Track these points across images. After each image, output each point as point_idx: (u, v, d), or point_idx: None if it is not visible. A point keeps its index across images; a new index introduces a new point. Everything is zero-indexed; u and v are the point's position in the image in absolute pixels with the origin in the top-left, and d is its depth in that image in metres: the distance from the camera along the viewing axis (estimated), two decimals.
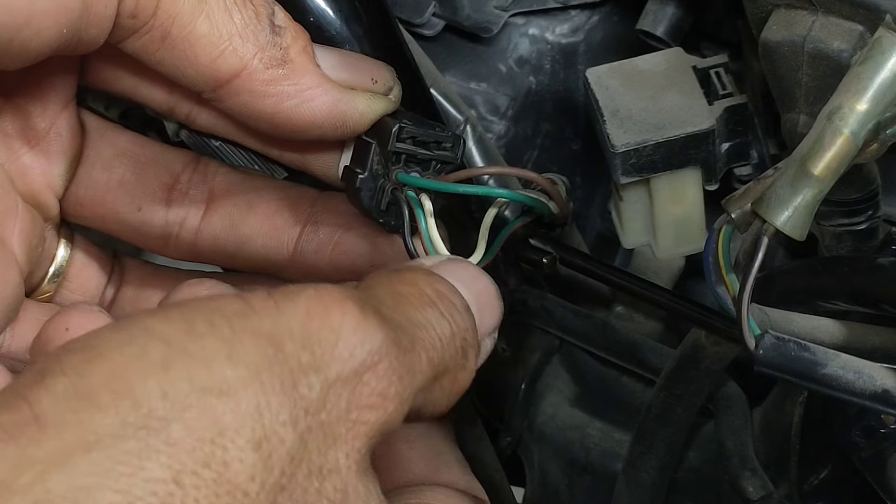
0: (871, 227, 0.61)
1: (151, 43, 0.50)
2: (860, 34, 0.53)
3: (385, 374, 0.40)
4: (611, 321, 0.79)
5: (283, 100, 0.52)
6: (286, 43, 0.52)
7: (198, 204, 0.59)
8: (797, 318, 0.55)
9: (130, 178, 0.58)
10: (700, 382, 0.68)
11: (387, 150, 0.54)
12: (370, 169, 0.54)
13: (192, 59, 0.51)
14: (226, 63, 0.51)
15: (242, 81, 0.51)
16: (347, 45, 0.63)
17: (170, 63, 0.51)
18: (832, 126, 0.46)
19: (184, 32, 0.50)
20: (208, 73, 0.51)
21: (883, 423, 0.61)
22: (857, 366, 0.50)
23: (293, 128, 0.53)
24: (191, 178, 0.59)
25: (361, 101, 0.54)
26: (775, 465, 0.70)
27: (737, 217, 0.48)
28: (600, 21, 0.86)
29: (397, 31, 0.69)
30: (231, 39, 0.51)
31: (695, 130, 0.69)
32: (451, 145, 0.56)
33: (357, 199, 0.55)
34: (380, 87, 0.55)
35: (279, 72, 0.52)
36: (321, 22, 0.63)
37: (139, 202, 0.58)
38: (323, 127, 0.53)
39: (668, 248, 0.74)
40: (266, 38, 0.51)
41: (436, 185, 0.55)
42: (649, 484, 0.73)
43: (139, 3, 0.49)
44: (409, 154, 0.55)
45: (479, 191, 0.55)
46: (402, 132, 0.54)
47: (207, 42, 0.50)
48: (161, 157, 0.59)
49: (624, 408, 0.81)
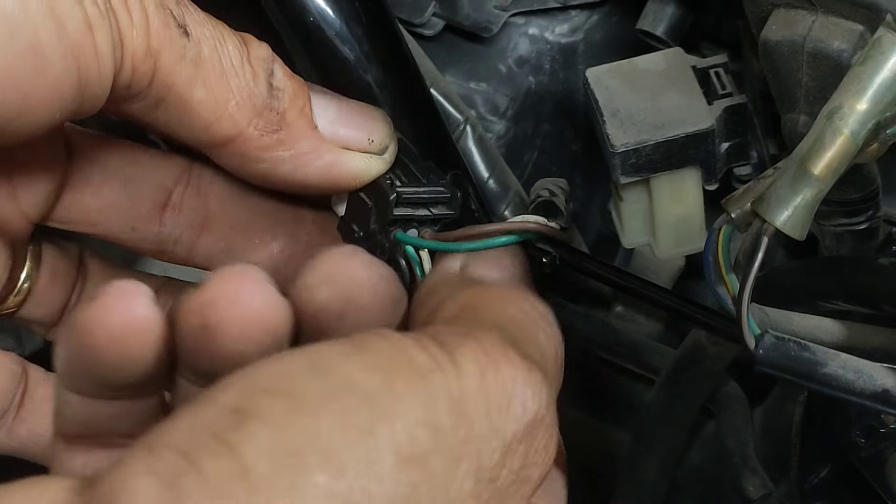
0: (872, 227, 0.61)
1: (146, 108, 0.49)
2: (860, 34, 0.53)
3: (549, 425, 0.40)
4: (611, 321, 0.79)
5: (278, 165, 0.52)
6: (283, 106, 0.51)
7: (192, 222, 0.58)
8: (797, 318, 0.55)
9: (122, 201, 0.58)
10: (700, 382, 0.68)
11: (384, 209, 0.54)
12: (367, 229, 0.54)
13: (186, 125, 0.50)
14: (221, 129, 0.50)
15: (237, 146, 0.51)
16: (347, 46, 0.63)
17: (164, 124, 0.50)
18: (832, 126, 0.46)
19: (180, 101, 0.49)
20: (203, 138, 0.51)
21: (883, 422, 0.61)
22: (857, 365, 0.50)
23: (287, 187, 0.53)
24: (184, 192, 0.58)
25: (356, 163, 0.53)
26: (775, 464, 0.70)
27: (737, 217, 0.48)
28: (600, 21, 0.86)
29: (397, 30, 0.69)
30: (227, 106, 0.50)
31: (694, 130, 0.69)
32: (449, 200, 0.55)
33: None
34: (375, 147, 0.54)
35: (274, 138, 0.51)
36: (321, 22, 0.63)
37: (132, 223, 0.58)
38: (318, 188, 0.53)
39: (668, 248, 0.74)
40: (263, 103, 0.50)
41: (435, 244, 0.54)
42: (649, 484, 0.73)
43: (134, 78, 0.47)
44: (407, 218, 0.55)
45: (481, 245, 0.54)
46: (400, 198, 0.54)
47: (203, 109, 0.49)
48: (153, 173, 0.58)
49: (624, 408, 0.81)
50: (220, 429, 0.34)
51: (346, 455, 0.34)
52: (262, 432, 0.33)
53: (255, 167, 0.52)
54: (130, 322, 0.43)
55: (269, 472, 0.33)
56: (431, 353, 0.38)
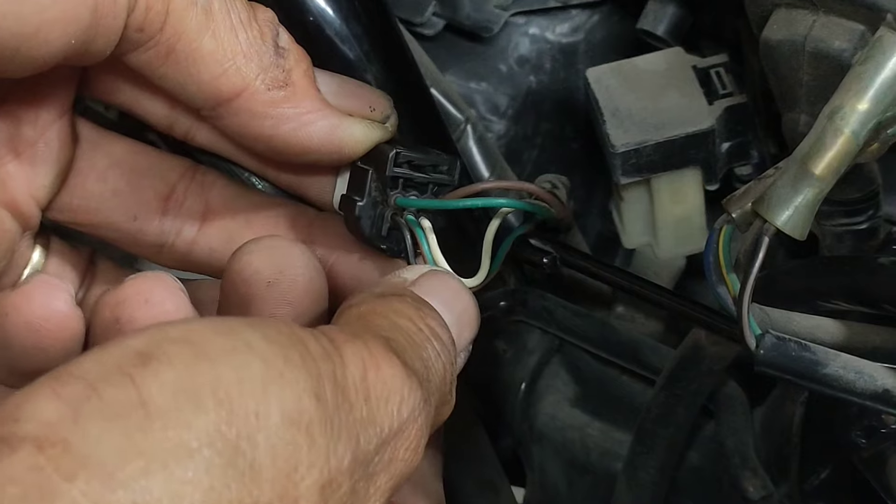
0: (872, 226, 0.61)
1: (156, 57, 0.50)
2: (861, 34, 0.53)
3: (421, 428, 0.42)
4: (611, 321, 0.79)
5: (282, 122, 0.52)
6: (289, 65, 0.52)
7: (194, 215, 0.59)
8: (798, 318, 0.55)
9: (125, 188, 0.58)
10: (700, 382, 0.68)
11: (384, 176, 0.54)
12: (368, 195, 0.54)
13: (195, 76, 0.51)
14: (228, 81, 0.51)
15: (243, 101, 0.51)
16: (347, 45, 0.63)
17: (172, 78, 0.51)
18: (833, 125, 0.46)
19: (189, 49, 0.50)
20: (210, 91, 0.51)
21: (883, 423, 0.61)
22: (858, 366, 0.49)
23: (289, 151, 0.53)
24: (187, 187, 0.59)
25: (358, 128, 0.54)
26: (776, 464, 0.70)
27: (737, 217, 0.48)
28: (600, 20, 0.86)
29: (397, 30, 0.69)
30: (235, 58, 0.51)
31: (695, 130, 0.69)
32: (448, 168, 0.56)
33: (357, 227, 0.55)
34: (377, 115, 0.55)
35: (280, 94, 0.52)
36: (321, 21, 0.63)
37: (134, 212, 0.58)
38: (319, 152, 0.53)
39: (669, 248, 0.74)
40: (269, 60, 0.51)
41: (436, 203, 0.55)
42: (649, 484, 0.73)
43: (147, 18, 0.49)
44: (407, 178, 0.55)
45: (480, 203, 0.55)
46: (399, 157, 0.54)
47: (212, 60, 0.50)
48: (157, 166, 0.59)
49: (624, 408, 0.81)
50: (126, 365, 0.36)
51: (239, 403, 0.36)
52: (163, 371, 0.36)
53: (261, 124, 0.52)
54: (48, 315, 0.48)
55: (166, 405, 0.35)
56: (322, 344, 0.40)
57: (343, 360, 0.40)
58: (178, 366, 0.36)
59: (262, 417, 0.36)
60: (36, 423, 0.34)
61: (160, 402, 0.35)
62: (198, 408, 0.35)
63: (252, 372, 0.37)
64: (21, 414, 0.34)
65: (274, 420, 0.37)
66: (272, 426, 0.36)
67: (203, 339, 0.37)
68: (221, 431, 0.35)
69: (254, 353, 0.37)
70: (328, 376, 0.39)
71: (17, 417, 0.34)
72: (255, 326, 0.39)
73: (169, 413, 0.35)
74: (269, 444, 0.36)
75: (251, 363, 0.37)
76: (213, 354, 0.37)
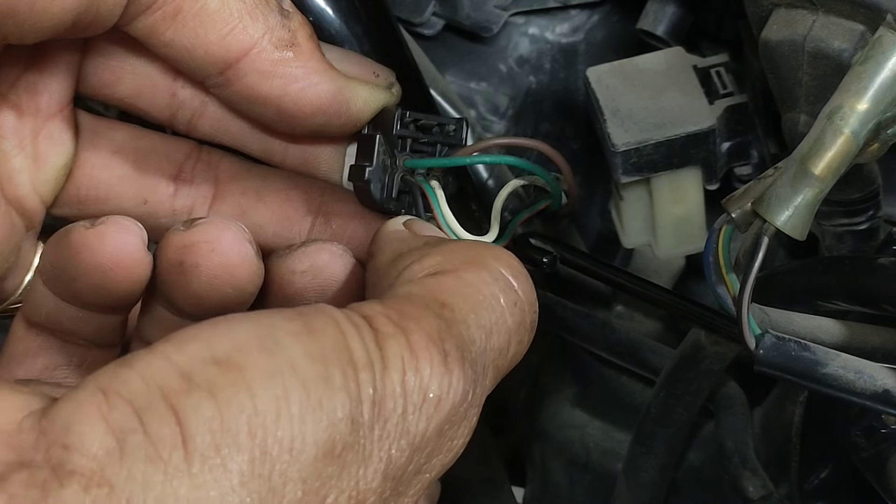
0: (872, 226, 0.61)
1: (163, 20, 0.51)
2: (861, 34, 0.53)
3: (461, 422, 0.42)
4: (611, 321, 0.79)
5: (291, 82, 0.52)
6: (294, 26, 0.53)
7: (204, 192, 0.58)
8: (797, 318, 0.55)
9: (132, 172, 0.58)
10: (700, 382, 0.68)
11: (392, 137, 0.54)
12: (377, 159, 0.54)
13: (202, 37, 0.51)
14: (236, 40, 0.51)
15: (251, 61, 0.52)
16: (347, 45, 0.63)
17: (179, 43, 0.51)
18: (833, 125, 0.46)
19: (195, 8, 0.50)
20: (218, 52, 0.52)
21: (883, 423, 0.61)
22: (858, 366, 0.49)
23: (299, 113, 0.53)
24: (194, 166, 0.59)
25: (365, 89, 0.54)
26: (776, 464, 0.70)
27: (737, 217, 0.48)
28: (600, 20, 0.86)
29: (397, 30, 0.69)
30: (241, 17, 0.51)
31: (695, 130, 0.69)
32: (455, 128, 0.56)
33: (367, 193, 0.54)
34: (381, 81, 0.55)
35: (287, 54, 0.52)
36: (320, 21, 0.63)
37: (144, 195, 0.58)
38: (328, 113, 0.54)
39: (669, 248, 0.74)
40: (275, 20, 0.52)
41: (445, 161, 0.55)
42: (649, 484, 0.73)
43: None
44: (414, 139, 0.55)
45: (488, 160, 0.55)
46: (406, 116, 0.55)
47: (218, 18, 0.51)
48: (161, 147, 0.58)
49: (624, 408, 0.81)
50: (170, 392, 0.36)
51: (274, 439, 0.36)
52: (204, 406, 0.36)
53: (269, 86, 0.52)
54: (118, 257, 0.49)
55: (205, 445, 0.35)
56: (367, 347, 0.40)
57: (384, 363, 0.40)
58: (220, 398, 0.36)
59: (296, 453, 0.37)
60: (85, 458, 0.35)
61: (199, 441, 0.35)
62: (235, 447, 0.36)
63: (291, 404, 0.37)
64: (70, 440, 0.35)
65: (308, 454, 0.37)
66: (305, 461, 0.37)
67: (246, 362, 0.37)
68: (256, 471, 0.36)
69: (296, 378, 0.37)
70: (367, 395, 0.39)
71: (67, 444, 0.35)
72: (299, 336, 0.39)
73: (207, 454, 0.35)
74: (300, 478, 0.37)
75: (291, 392, 0.37)
76: (255, 384, 0.37)
